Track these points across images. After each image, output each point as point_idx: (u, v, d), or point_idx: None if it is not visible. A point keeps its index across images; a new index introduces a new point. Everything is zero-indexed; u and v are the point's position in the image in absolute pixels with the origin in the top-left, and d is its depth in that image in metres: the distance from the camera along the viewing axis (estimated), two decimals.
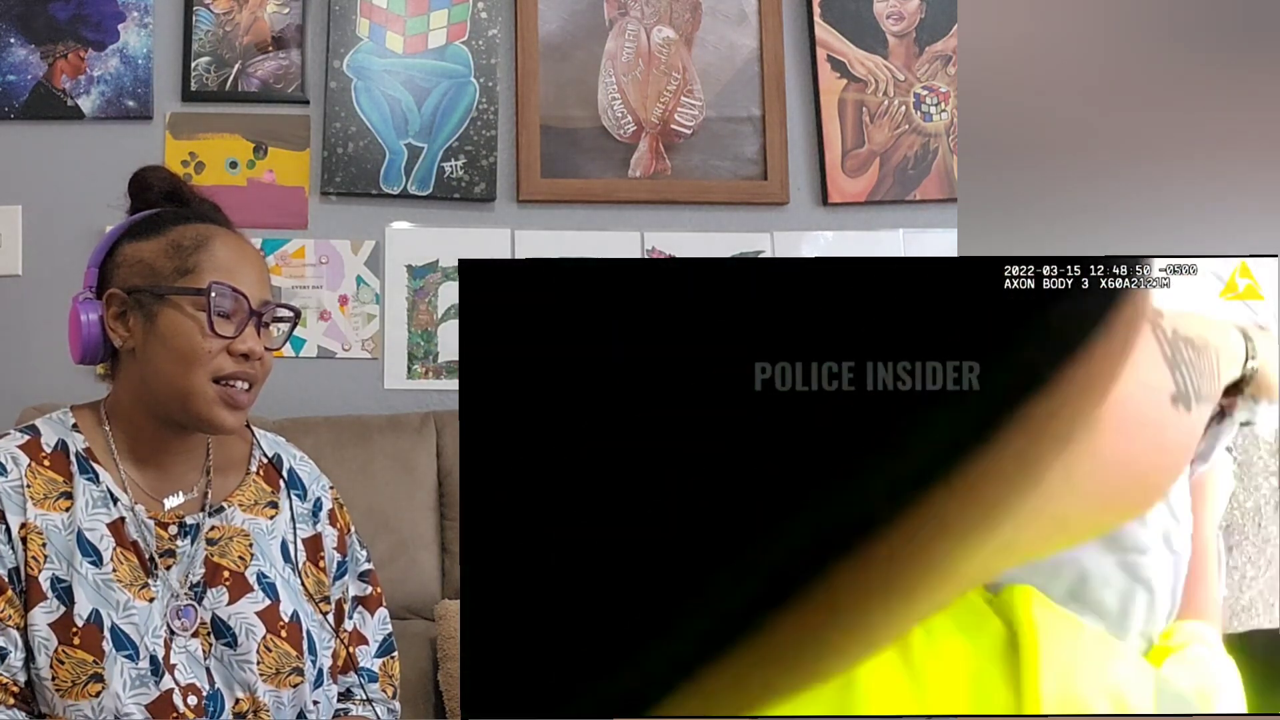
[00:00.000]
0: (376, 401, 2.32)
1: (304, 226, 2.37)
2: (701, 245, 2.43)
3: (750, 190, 2.49)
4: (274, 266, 2.32)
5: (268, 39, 2.38)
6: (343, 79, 2.38)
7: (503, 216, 2.42)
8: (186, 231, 1.16)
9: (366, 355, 2.37)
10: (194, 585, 1.15)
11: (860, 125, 2.52)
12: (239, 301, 1.14)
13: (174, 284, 1.13)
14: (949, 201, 2.52)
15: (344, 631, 1.27)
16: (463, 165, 2.40)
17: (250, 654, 1.15)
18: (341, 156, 2.37)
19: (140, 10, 2.36)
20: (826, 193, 2.50)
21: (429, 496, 2.13)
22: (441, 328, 2.39)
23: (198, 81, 2.36)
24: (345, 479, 1.84)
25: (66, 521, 1.12)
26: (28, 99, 2.32)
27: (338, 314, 2.36)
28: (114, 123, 2.34)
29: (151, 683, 1.09)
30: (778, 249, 2.46)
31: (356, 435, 2.12)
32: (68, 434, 1.16)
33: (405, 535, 2.08)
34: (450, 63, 2.42)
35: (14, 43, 2.32)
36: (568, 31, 2.49)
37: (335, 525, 1.29)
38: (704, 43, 2.52)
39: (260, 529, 1.21)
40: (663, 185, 2.47)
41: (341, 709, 1.28)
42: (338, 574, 1.28)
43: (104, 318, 1.15)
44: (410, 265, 2.39)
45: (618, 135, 2.47)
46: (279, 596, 1.18)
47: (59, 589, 1.09)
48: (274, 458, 1.27)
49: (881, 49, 2.55)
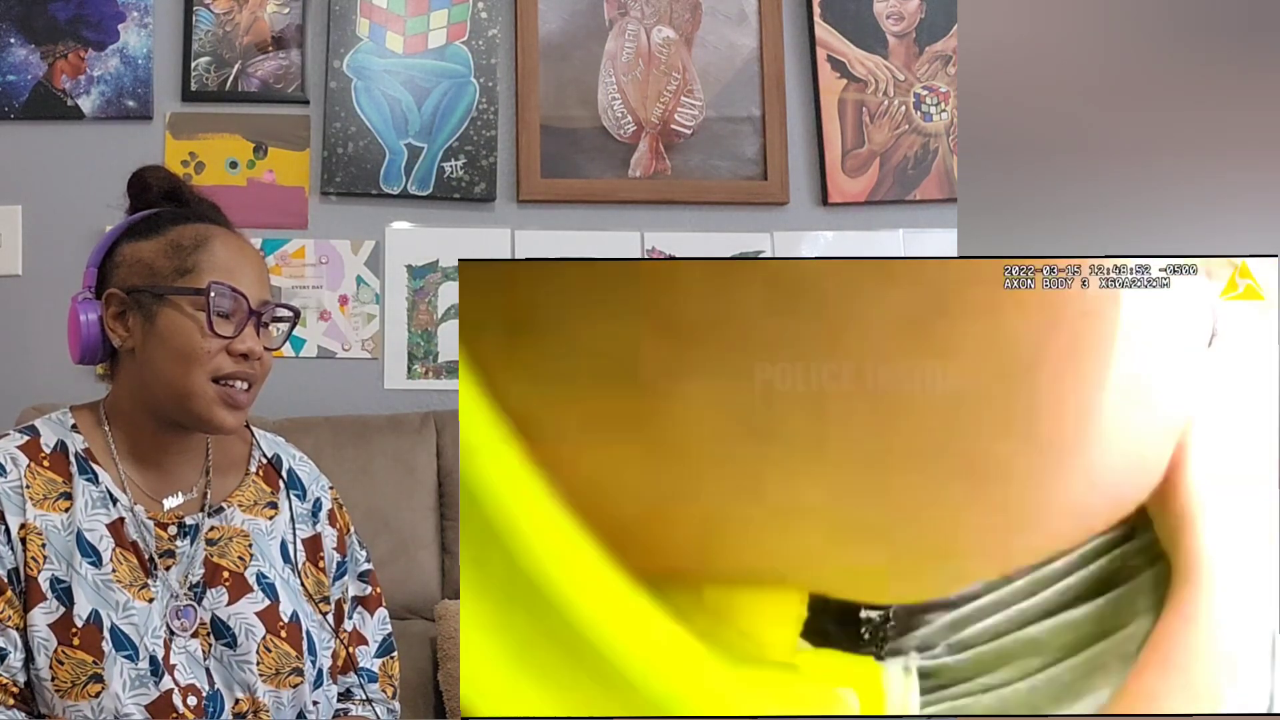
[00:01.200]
0: (376, 401, 2.32)
1: (304, 226, 2.37)
2: (701, 245, 2.43)
3: (750, 190, 2.49)
4: (274, 266, 2.32)
5: (268, 39, 2.38)
6: (343, 79, 2.38)
7: (503, 216, 2.42)
8: (186, 231, 1.16)
9: (366, 355, 2.37)
10: (193, 586, 1.15)
11: (860, 125, 2.52)
12: (238, 301, 1.13)
13: (173, 284, 1.13)
14: (949, 201, 2.52)
15: (344, 632, 1.27)
16: (463, 165, 2.40)
17: (250, 654, 1.15)
18: (341, 156, 2.37)
19: (140, 10, 2.36)
20: (826, 193, 2.50)
21: (429, 496, 2.13)
22: (441, 328, 2.39)
23: (198, 81, 2.36)
24: (345, 479, 1.84)
25: (66, 522, 1.12)
26: (28, 99, 2.32)
27: (338, 314, 2.36)
28: (114, 123, 2.34)
29: (151, 683, 1.09)
30: (778, 249, 2.46)
31: (356, 435, 2.12)
32: (67, 434, 1.16)
33: (405, 535, 2.08)
34: (450, 63, 2.42)
35: (14, 43, 2.32)
36: (568, 31, 2.49)
37: (335, 525, 1.29)
38: (704, 43, 2.52)
39: (260, 529, 1.21)
40: (663, 185, 2.47)
41: (341, 709, 1.28)
42: (337, 574, 1.28)
43: (103, 318, 1.15)
44: (410, 265, 2.39)
45: (618, 135, 2.47)
46: (278, 597, 1.18)
47: (58, 589, 1.09)
48: (273, 458, 1.27)
49: (881, 49, 2.55)
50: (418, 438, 2.15)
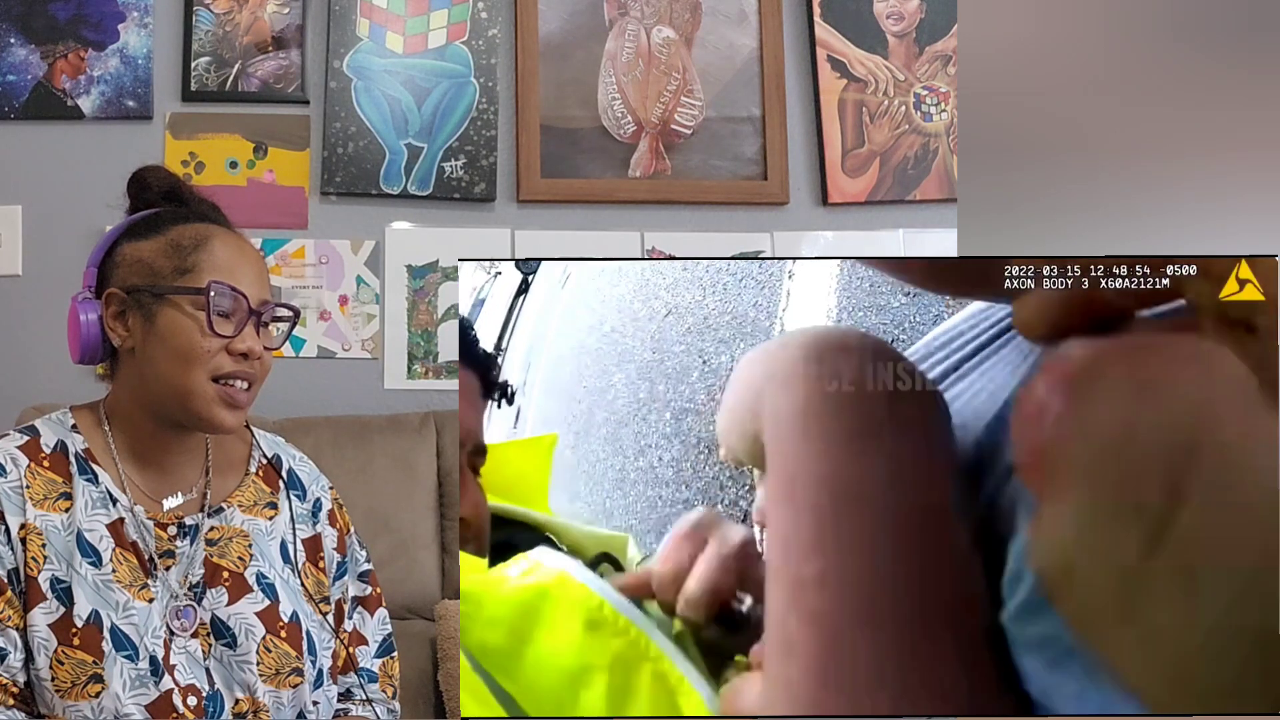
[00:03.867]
0: (376, 401, 2.32)
1: (304, 226, 2.37)
2: (701, 245, 2.43)
3: (750, 190, 2.49)
4: (274, 266, 2.32)
5: (268, 39, 2.38)
6: (343, 79, 2.38)
7: (503, 216, 2.42)
8: (186, 231, 1.16)
9: (366, 355, 2.37)
10: (193, 586, 1.15)
11: (860, 125, 2.52)
12: (238, 301, 1.13)
13: (173, 283, 1.13)
14: (949, 201, 2.52)
15: (344, 632, 1.27)
16: (463, 165, 2.40)
17: (250, 654, 1.15)
18: (341, 156, 2.37)
19: (140, 10, 2.36)
20: (826, 193, 2.50)
21: (429, 496, 2.13)
22: (441, 328, 2.39)
23: (198, 81, 2.36)
24: (345, 479, 1.84)
25: (66, 522, 1.12)
26: (28, 99, 2.32)
27: (338, 314, 2.36)
28: (114, 123, 2.34)
29: (151, 683, 1.09)
30: (778, 249, 2.46)
31: (356, 435, 2.12)
32: (67, 434, 1.16)
33: (405, 535, 2.08)
34: (450, 63, 2.42)
35: (14, 43, 2.32)
36: (568, 31, 2.49)
37: (335, 526, 1.29)
38: (704, 43, 2.52)
39: (259, 530, 1.21)
40: (663, 185, 2.47)
41: (341, 709, 1.28)
42: (337, 574, 1.28)
43: (103, 317, 1.15)
44: (410, 265, 2.39)
45: (618, 135, 2.47)
46: (278, 597, 1.18)
47: (58, 590, 1.09)
48: (273, 458, 1.27)
49: (881, 49, 2.55)
50: (418, 438, 2.15)
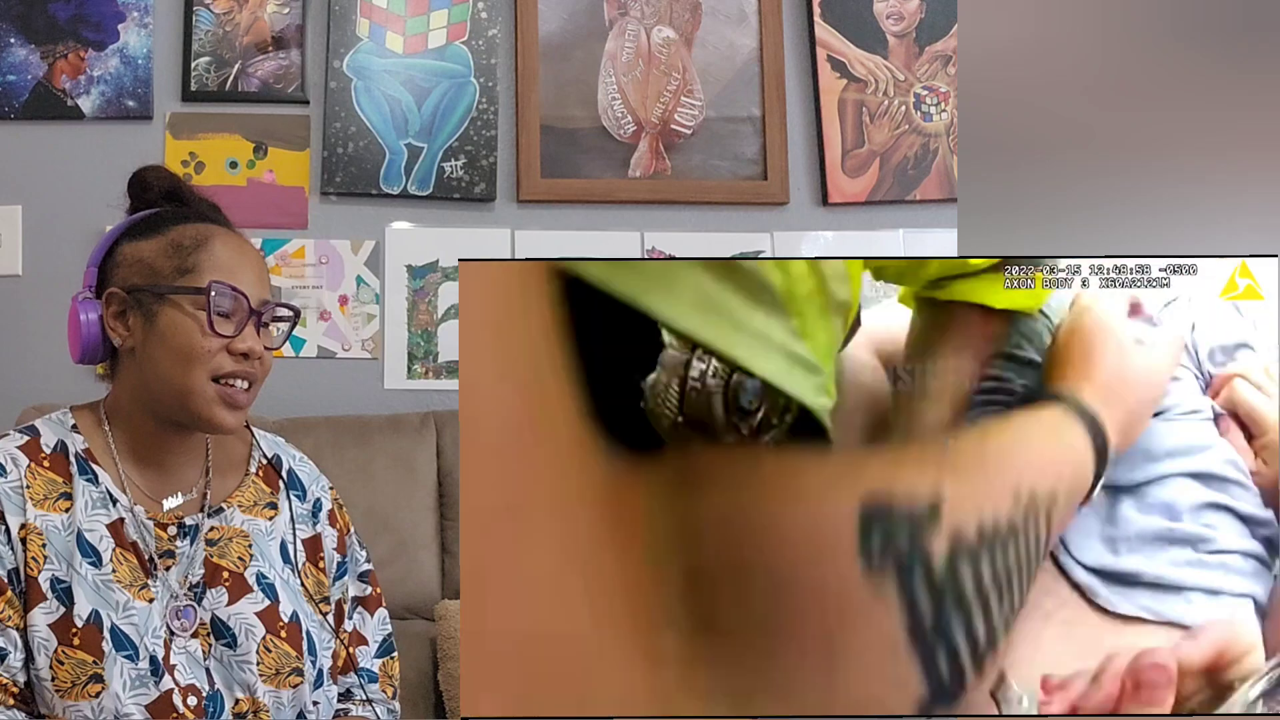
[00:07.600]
0: (376, 401, 2.32)
1: (304, 226, 2.37)
2: (701, 245, 2.43)
3: (750, 190, 2.49)
4: (274, 266, 2.32)
5: (268, 39, 2.38)
6: (343, 79, 2.38)
7: (503, 216, 2.42)
8: (186, 231, 1.16)
9: (366, 355, 2.37)
10: (193, 586, 1.15)
11: (860, 125, 2.52)
12: (238, 301, 1.13)
13: (174, 283, 1.13)
14: (949, 201, 2.52)
15: (344, 632, 1.27)
16: (463, 165, 2.40)
17: (250, 654, 1.15)
18: (341, 156, 2.37)
19: (140, 10, 2.36)
20: (826, 193, 2.50)
21: (429, 496, 2.13)
22: (441, 328, 2.39)
23: (198, 81, 2.36)
24: (345, 479, 1.84)
25: (66, 522, 1.12)
26: (28, 99, 2.32)
27: (338, 314, 2.36)
28: (114, 123, 2.34)
29: (151, 683, 1.09)
30: (778, 249, 2.46)
31: (356, 435, 2.12)
32: (67, 434, 1.16)
33: (405, 535, 2.08)
34: (450, 63, 2.42)
35: (14, 43, 2.32)
36: (568, 31, 2.49)
37: (335, 526, 1.29)
38: (704, 43, 2.52)
39: (259, 530, 1.21)
40: (663, 185, 2.47)
41: (341, 709, 1.28)
42: (337, 574, 1.28)
43: (104, 317, 1.15)
44: (410, 265, 2.39)
45: (618, 135, 2.47)
46: (278, 597, 1.18)
47: (59, 590, 1.09)
48: (273, 458, 1.27)
49: (881, 49, 2.55)
50: (418, 438, 2.15)
